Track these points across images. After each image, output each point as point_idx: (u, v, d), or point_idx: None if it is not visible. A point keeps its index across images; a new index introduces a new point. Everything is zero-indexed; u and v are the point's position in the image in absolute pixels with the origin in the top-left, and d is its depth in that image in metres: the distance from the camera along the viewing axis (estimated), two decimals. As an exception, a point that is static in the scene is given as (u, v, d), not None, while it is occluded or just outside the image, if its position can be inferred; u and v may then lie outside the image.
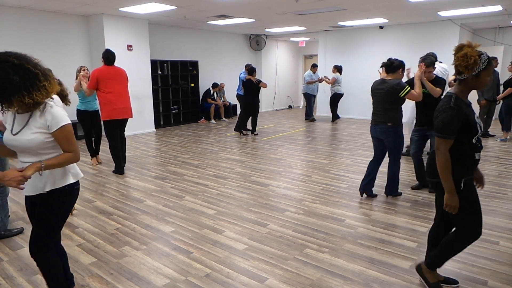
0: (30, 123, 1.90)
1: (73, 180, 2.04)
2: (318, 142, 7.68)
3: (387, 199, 4.23)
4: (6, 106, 1.84)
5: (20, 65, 1.77)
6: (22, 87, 1.76)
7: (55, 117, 1.89)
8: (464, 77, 2.13)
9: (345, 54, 11.01)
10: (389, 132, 3.95)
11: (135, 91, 8.68)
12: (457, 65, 2.14)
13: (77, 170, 2.10)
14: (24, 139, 1.88)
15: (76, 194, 2.11)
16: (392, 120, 3.90)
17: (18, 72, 1.75)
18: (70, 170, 2.04)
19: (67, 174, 2.01)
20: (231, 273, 2.72)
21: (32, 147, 1.89)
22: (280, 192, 4.55)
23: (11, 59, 1.75)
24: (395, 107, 3.89)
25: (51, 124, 1.88)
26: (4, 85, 1.73)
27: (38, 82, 1.82)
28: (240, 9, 7.44)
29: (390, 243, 3.15)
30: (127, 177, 5.22)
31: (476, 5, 7.16)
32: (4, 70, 1.73)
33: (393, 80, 3.85)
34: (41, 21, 7.39)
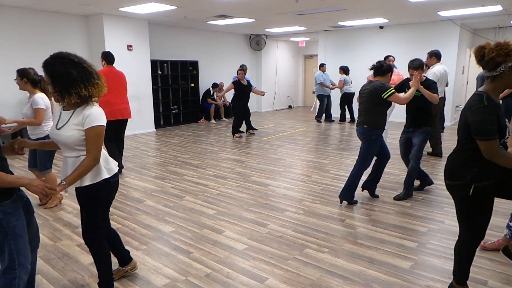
0: (71, 119, 2.03)
1: (108, 175, 2.14)
2: (318, 142, 7.68)
3: (387, 199, 4.22)
4: (66, 97, 1.99)
5: (78, 63, 2.01)
6: (80, 80, 1.97)
7: (92, 115, 2.01)
8: (500, 71, 1.97)
9: (345, 54, 11.00)
10: (363, 134, 3.85)
11: (135, 91, 8.69)
12: (493, 57, 1.96)
13: (111, 165, 2.20)
14: (64, 134, 2.03)
15: (113, 186, 2.23)
16: (369, 123, 3.79)
17: (76, 67, 1.98)
18: (104, 165, 2.14)
19: (102, 170, 2.12)
20: (231, 273, 2.72)
21: (70, 143, 2.03)
22: (280, 192, 4.55)
23: (70, 57, 2.00)
24: (376, 110, 3.78)
25: (86, 120, 1.99)
26: (64, 77, 1.95)
27: (93, 79, 2.04)
28: (240, 9, 7.44)
29: (390, 243, 3.15)
30: (127, 177, 5.22)
31: (476, 5, 7.16)
32: (64, 65, 1.95)
33: (377, 82, 3.77)
34: (41, 21, 7.40)
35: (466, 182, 2.09)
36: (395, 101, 3.76)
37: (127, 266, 2.64)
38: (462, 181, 2.12)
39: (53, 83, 1.97)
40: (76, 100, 2.00)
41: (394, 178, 4.96)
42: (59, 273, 2.73)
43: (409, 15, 8.38)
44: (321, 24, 9.92)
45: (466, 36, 9.72)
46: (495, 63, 1.98)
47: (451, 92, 9.30)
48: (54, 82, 1.96)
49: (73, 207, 4.09)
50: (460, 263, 2.32)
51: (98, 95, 2.08)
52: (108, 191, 2.21)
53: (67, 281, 2.62)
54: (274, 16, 8.43)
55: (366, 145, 3.89)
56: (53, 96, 2.04)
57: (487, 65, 2.03)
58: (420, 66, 4.05)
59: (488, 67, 2.03)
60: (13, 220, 1.84)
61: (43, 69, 1.99)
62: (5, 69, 6.81)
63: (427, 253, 2.96)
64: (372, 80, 3.88)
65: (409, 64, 4.11)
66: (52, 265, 2.85)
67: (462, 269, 2.33)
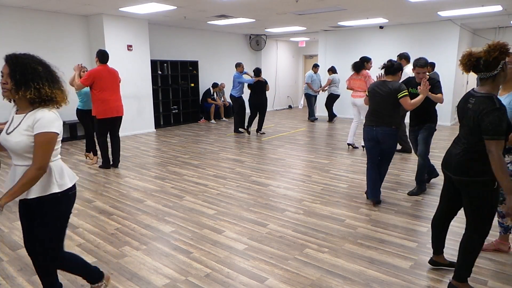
0: (22, 124, 1.86)
1: (58, 190, 1.92)
2: (318, 142, 7.68)
3: (387, 199, 4.22)
4: (22, 90, 1.81)
5: (47, 65, 1.92)
6: (44, 77, 1.85)
7: (44, 119, 1.82)
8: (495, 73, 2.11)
9: (345, 54, 11.00)
10: (390, 135, 3.87)
11: (135, 91, 8.69)
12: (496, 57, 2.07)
13: (65, 180, 1.97)
14: (13, 140, 1.85)
15: (70, 200, 2.04)
16: (394, 123, 3.85)
17: (44, 67, 1.89)
18: (57, 178, 1.93)
19: (52, 183, 1.91)
20: (231, 273, 2.72)
21: (18, 149, 1.85)
22: (280, 192, 4.55)
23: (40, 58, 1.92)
24: (396, 110, 3.86)
25: (36, 125, 1.81)
26: (27, 69, 1.82)
27: (59, 84, 1.93)
28: (240, 9, 7.44)
29: (390, 243, 3.15)
30: (127, 177, 5.22)
31: (476, 5, 7.16)
32: (30, 59, 1.86)
33: (395, 82, 3.81)
34: (41, 21, 7.40)
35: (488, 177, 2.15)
36: (404, 103, 3.78)
37: (101, 282, 2.37)
38: (483, 177, 2.18)
39: (12, 73, 1.79)
40: (32, 95, 1.81)
41: (394, 178, 4.96)
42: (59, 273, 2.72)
43: (409, 15, 8.38)
44: (321, 24, 9.92)
45: (466, 36, 9.72)
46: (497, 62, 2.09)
47: (451, 92, 9.30)
48: (14, 71, 1.79)
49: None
50: (467, 260, 2.35)
51: (60, 102, 1.92)
52: (68, 205, 2.03)
53: (67, 281, 2.62)
54: (274, 16, 8.43)
55: (394, 144, 3.96)
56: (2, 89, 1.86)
57: (490, 66, 2.10)
58: (425, 65, 4.05)
59: (489, 69, 2.12)
60: None
61: (5, 60, 1.83)
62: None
63: (427, 253, 2.96)
64: (385, 80, 3.88)
65: (415, 62, 4.08)
66: (52, 265, 2.85)
67: (467, 266, 2.36)
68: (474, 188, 2.24)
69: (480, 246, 2.33)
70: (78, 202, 4.21)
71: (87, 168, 5.69)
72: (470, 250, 2.33)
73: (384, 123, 3.85)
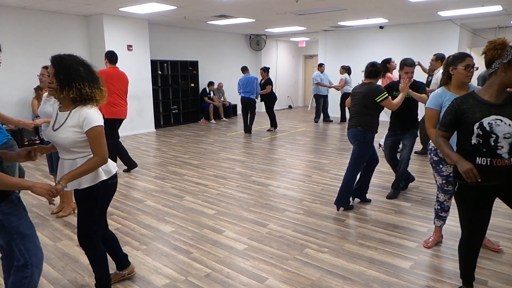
0: (68, 121, 2.01)
1: (106, 177, 2.11)
2: (318, 142, 7.68)
3: (387, 199, 4.22)
4: (65, 90, 1.96)
5: (88, 65, 2.05)
6: (85, 78, 1.99)
7: (89, 116, 1.98)
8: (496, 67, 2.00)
9: (345, 54, 11.01)
10: (357, 136, 3.74)
11: (135, 91, 8.68)
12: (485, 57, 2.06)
13: (109, 167, 2.16)
14: (60, 136, 2.01)
15: (111, 189, 2.21)
16: (362, 124, 3.71)
17: (83, 67, 2.02)
18: (103, 167, 2.11)
19: (100, 172, 2.09)
20: (231, 273, 2.72)
21: (66, 144, 2.01)
22: (280, 192, 4.55)
23: (82, 59, 2.05)
24: (369, 113, 3.72)
25: (85, 122, 1.97)
26: (70, 70, 1.96)
27: (98, 83, 2.06)
28: (240, 9, 7.44)
29: (390, 243, 3.15)
30: (127, 177, 5.22)
31: (476, 5, 7.16)
32: (73, 60, 2.00)
33: (372, 84, 3.73)
34: (41, 21, 7.39)
35: (455, 179, 2.18)
36: (387, 105, 3.68)
37: (125, 270, 2.59)
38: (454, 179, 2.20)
39: (56, 74, 1.95)
40: (74, 95, 1.97)
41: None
42: (59, 273, 2.73)
43: (409, 15, 8.38)
44: (321, 24, 9.92)
45: (466, 36, 9.72)
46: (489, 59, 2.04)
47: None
48: (58, 72, 1.95)
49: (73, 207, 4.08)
50: (460, 262, 2.33)
51: (99, 100, 2.08)
52: (105, 193, 2.18)
53: (67, 281, 2.62)
54: (274, 16, 8.43)
55: (360, 148, 3.77)
56: (49, 88, 2.02)
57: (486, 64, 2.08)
58: (413, 64, 4.01)
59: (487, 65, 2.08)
60: (14, 220, 1.84)
61: (51, 61, 1.98)
62: (5, 69, 6.81)
63: (427, 253, 2.96)
64: (365, 82, 3.82)
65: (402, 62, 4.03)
66: (52, 265, 2.85)
67: (463, 269, 2.32)
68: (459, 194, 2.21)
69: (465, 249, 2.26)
70: (78, 202, 4.22)
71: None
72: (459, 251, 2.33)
73: (355, 124, 3.76)
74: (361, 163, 3.86)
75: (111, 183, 2.18)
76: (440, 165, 2.88)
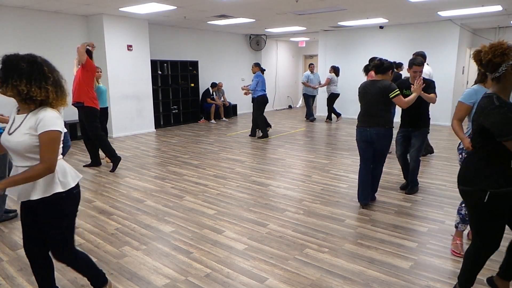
0: (24, 124, 1.86)
1: (61, 189, 1.92)
2: (318, 142, 7.68)
3: (387, 199, 4.23)
4: (4, 86, 1.82)
5: (38, 63, 1.84)
6: (25, 74, 1.79)
7: (45, 118, 1.82)
8: (502, 71, 1.92)
9: (345, 54, 11.01)
10: (384, 135, 3.79)
11: (135, 91, 8.70)
12: (489, 59, 1.94)
13: (67, 179, 1.97)
14: (14, 140, 1.84)
15: (77, 198, 2.05)
16: (388, 123, 3.78)
17: (30, 63, 1.82)
18: (60, 178, 1.93)
19: (55, 183, 1.91)
20: (231, 273, 2.72)
21: (20, 149, 1.84)
22: (280, 192, 4.55)
23: (35, 57, 1.86)
24: (388, 109, 3.79)
25: (40, 124, 1.81)
26: (10, 67, 1.79)
27: (44, 83, 1.84)
28: (240, 9, 7.44)
29: (390, 243, 3.15)
30: (127, 177, 5.22)
31: (476, 5, 7.16)
32: (19, 57, 1.82)
33: (385, 81, 3.74)
34: (41, 21, 7.40)
35: (481, 187, 2.01)
36: (397, 103, 3.73)
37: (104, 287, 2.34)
38: (477, 187, 2.04)
39: (1, 69, 1.81)
40: (11, 92, 1.82)
41: (394, 178, 4.96)
42: (59, 273, 2.73)
43: (409, 15, 8.38)
44: (321, 24, 9.92)
45: (466, 36, 9.72)
46: (494, 64, 1.95)
47: (451, 92, 9.30)
48: (2, 67, 1.81)
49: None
50: (466, 269, 2.25)
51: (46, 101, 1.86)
52: (72, 204, 2.02)
53: (67, 281, 2.62)
54: (274, 16, 8.43)
55: (387, 145, 3.88)
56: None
57: (488, 68, 1.99)
58: (422, 63, 4.03)
59: (489, 70, 2.00)
60: None
61: None
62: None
63: (427, 253, 2.96)
64: (376, 79, 3.81)
65: (411, 61, 4.05)
66: (52, 265, 2.85)
67: (467, 275, 2.25)
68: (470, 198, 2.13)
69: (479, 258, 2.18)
70: (78, 202, 4.22)
71: (87, 168, 5.69)
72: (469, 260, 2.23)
73: (377, 123, 3.77)
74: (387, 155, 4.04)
75: (76, 192, 2.02)
76: None
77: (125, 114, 8.59)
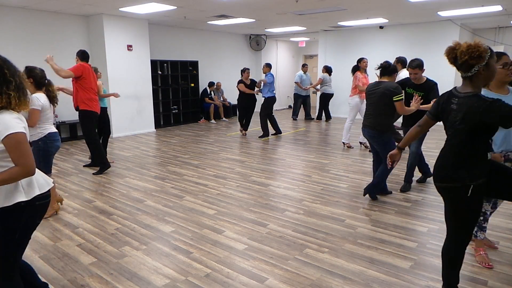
0: None
1: (25, 198, 1.76)
2: (318, 142, 7.68)
3: (387, 199, 4.23)
4: None
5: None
6: None
7: (3, 123, 1.68)
8: (475, 71, 1.99)
9: (345, 54, 11.01)
10: (375, 138, 3.94)
11: (135, 91, 8.70)
12: (466, 60, 1.98)
13: (33, 187, 1.81)
14: None
15: (38, 211, 1.86)
16: (378, 127, 3.85)
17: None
18: (24, 186, 1.78)
19: (18, 191, 1.76)
20: (231, 273, 2.72)
21: None
22: (280, 192, 4.55)
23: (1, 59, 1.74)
24: (386, 112, 3.82)
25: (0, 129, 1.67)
26: None
27: (5, 88, 1.72)
28: (240, 9, 7.44)
29: (390, 243, 3.15)
30: (127, 177, 5.22)
31: (476, 5, 7.16)
32: None
33: (390, 83, 3.79)
34: (41, 21, 7.40)
35: (465, 183, 2.05)
36: (398, 108, 3.80)
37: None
38: (460, 183, 2.07)
39: None
40: None
41: (394, 178, 4.95)
42: (59, 273, 2.73)
43: (409, 15, 8.38)
44: (321, 24, 9.92)
45: (466, 36, 9.71)
46: (468, 65, 2.00)
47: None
48: None
49: (73, 207, 4.09)
50: (451, 267, 2.26)
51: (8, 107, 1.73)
52: (31, 215, 1.82)
53: (67, 281, 2.62)
54: (274, 16, 8.43)
55: (381, 148, 3.94)
56: None
57: (461, 67, 2.04)
58: (419, 66, 4.08)
59: (462, 69, 2.05)
60: None
61: None
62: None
63: (427, 253, 2.96)
64: (381, 80, 3.88)
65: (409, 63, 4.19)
66: (52, 265, 2.85)
67: (453, 273, 2.27)
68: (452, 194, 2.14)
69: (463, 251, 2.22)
70: (78, 202, 4.22)
71: (87, 168, 5.69)
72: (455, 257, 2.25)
73: (371, 126, 3.91)
74: None
75: (39, 204, 1.84)
76: None
77: (125, 114, 8.59)
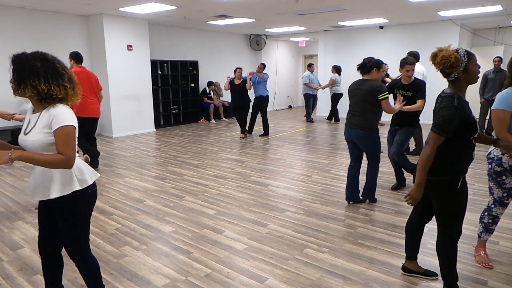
0: (38, 122, 1.87)
1: (79, 187, 1.93)
2: (318, 142, 7.68)
3: (387, 199, 4.23)
4: (21, 88, 1.81)
5: (49, 60, 1.86)
6: (42, 74, 1.80)
7: (59, 115, 1.82)
8: (455, 76, 2.12)
9: (345, 54, 11.01)
10: (364, 138, 3.81)
11: (135, 91, 8.70)
12: (442, 70, 2.13)
13: (85, 176, 1.97)
14: (30, 139, 1.86)
15: (91, 198, 2.04)
16: (367, 125, 3.75)
17: (42, 62, 1.83)
18: (77, 175, 1.94)
19: (73, 180, 1.92)
20: (231, 273, 2.72)
21: (36, 148, 1.85)
22: (280, 192, 4.55)
23: (45, 54, 1.87)
24: (372, 109, 3.75)
25: (54, 121, 1.82)
26: (25, 66, 1.79)
27: (61, 80, 1.86)
28: (240, 9, 7.44)
29: (390, 243, 3.15)
30: (127, 177, 5.22)
31: (476, 5, 7.16)
32: (32, 57, 1.82)
33: (374, 82, 3.72)
34: (41, 21, 7.40)
35: (453, 176, 2.18)
36: (384, 106, 3.73)
37: None
38: (449, 175, 2.18)
39: (12, 71, 1.83)
40: (30, 93, 1.82)
41: (394, 178, 4.95)
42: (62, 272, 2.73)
43: (409, 15, 8.38)
44: (321, 24, 9.92)
45: (466, 36, 9.72)
46: (445, 73, 2.14)
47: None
48: (13, 69, 1.82)
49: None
50: (449, 263, 2.30)
51: (66, 98, 1.90)
52: (86, 203, 2.01)
53: (67, 281, 2.62)
54: (274, 16, 8.43)
55: (371, 147, 3.89)
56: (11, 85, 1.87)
57: (442, 73, 2.17)
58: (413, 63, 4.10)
59: (443, 75, 2.18)
60: None
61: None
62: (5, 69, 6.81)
63: (427, 253, 2.96)
64: (365, 79, 3.80)
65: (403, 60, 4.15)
66: (52, 265, 2.84)
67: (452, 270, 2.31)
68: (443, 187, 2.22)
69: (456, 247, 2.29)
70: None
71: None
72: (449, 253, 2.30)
73: (358, 125, 3.78)
74: (378, 157, 3.98)
75: (91, 191, 2.01)
76: (504, 176, 2.57)
77: (125, 114, 8.59)
